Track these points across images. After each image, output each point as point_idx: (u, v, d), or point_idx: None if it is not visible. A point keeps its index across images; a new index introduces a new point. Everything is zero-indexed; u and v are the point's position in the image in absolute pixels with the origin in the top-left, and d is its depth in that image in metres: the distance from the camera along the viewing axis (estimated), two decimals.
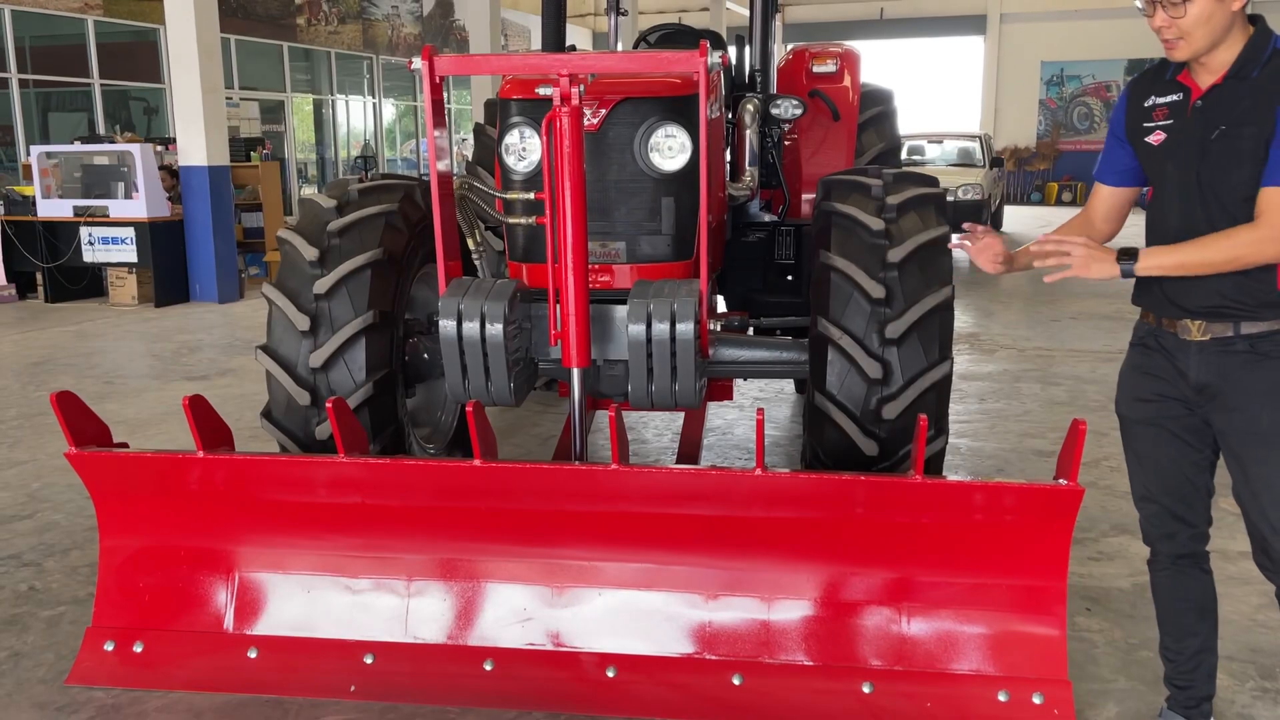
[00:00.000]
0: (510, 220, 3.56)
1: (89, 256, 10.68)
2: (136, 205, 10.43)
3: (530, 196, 3.44)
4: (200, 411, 2.99)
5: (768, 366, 3.75)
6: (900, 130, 5.84)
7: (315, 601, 3.12)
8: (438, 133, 3.29)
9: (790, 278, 4.89)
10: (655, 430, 5.85)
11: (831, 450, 3.29)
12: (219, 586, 3.15)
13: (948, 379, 3.30)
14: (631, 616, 3.01)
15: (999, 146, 24.11)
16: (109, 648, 3.11)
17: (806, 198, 5.13)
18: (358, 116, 21.61)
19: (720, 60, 3.17)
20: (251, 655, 3.07)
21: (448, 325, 3.21)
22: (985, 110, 26.08)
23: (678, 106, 3.46)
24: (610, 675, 2.95)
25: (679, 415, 5.26)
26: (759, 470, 2.73)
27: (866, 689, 2.85)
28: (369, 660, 3.03)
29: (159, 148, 11.39)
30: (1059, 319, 9.51)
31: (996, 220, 16.36)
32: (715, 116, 3.95)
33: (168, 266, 10.65)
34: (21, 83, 13.86)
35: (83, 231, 10.60)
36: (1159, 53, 2.45)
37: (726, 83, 4.68)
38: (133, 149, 10.51)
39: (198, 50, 10.19)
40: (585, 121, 3.24)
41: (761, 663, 2.93)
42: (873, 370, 3.22)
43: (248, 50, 17.54)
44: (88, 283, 11.02)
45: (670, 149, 3.46)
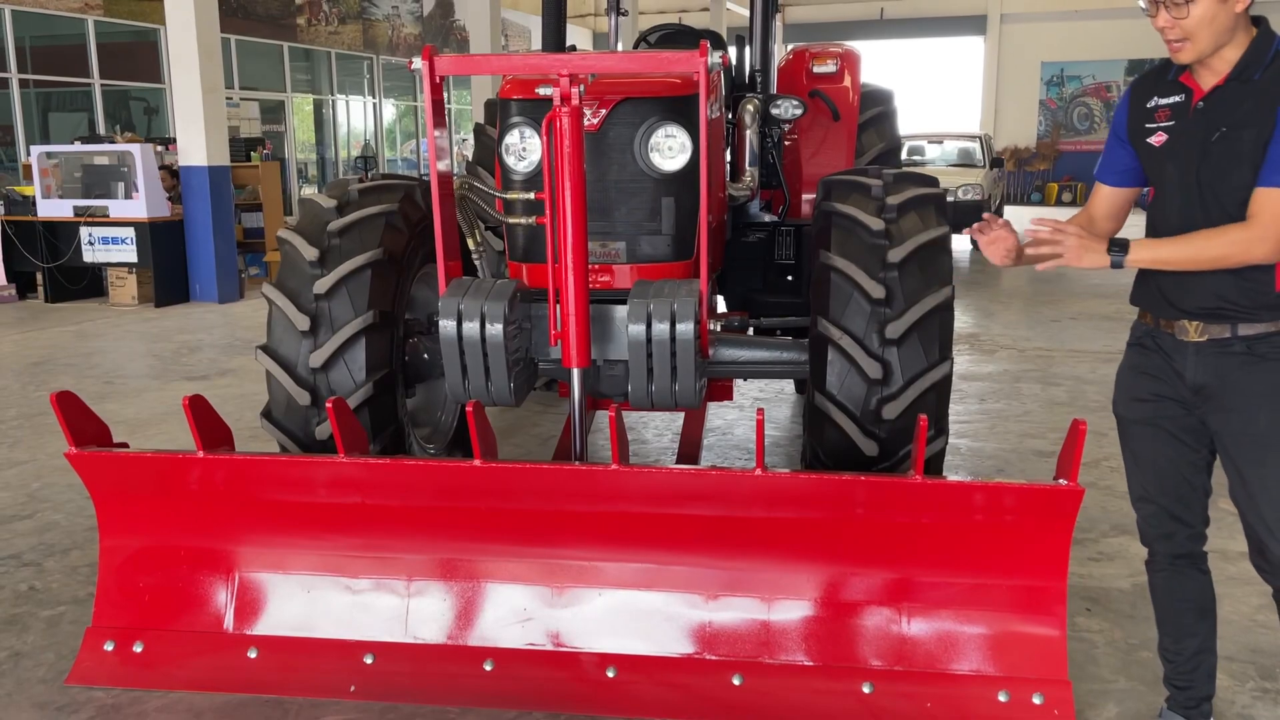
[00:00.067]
0: (510, 220, 3.56)
1: (89, 256, 10.69)
2: (136, 205, 10.43)
3: (530, 196, 3.44)
4: (200, 411, 2.99)
5: (768, 366, 3.75)
6: (900, 130, 5.84)
7: (315, 601, 3.12)
8: (438, 133, 3.29)
9: (790, 278, 4.89)
10: (655, 430, 5.85)
11: (831, 450, 3.29)
12: (219, 586, 3.15)
13: (948, 379, 3.30)
14: (631, 616, 3.01)
15: (999, 147, 24.10)
16: (109, 648, 3.11)
17: (806, 198, 5.13)
18: (358, 116, 21.61)
19: (720, 60, 3.17)
20: (251, 655, 3.07)
21: (448, 325, 3.21)
22: (985, 110, 26.08)
23: (678, 106, 3.46)
24: (610, 675, 2.95)
25: (679, 415, 5.26)
26: (759, 470, 2.73)
27: (866, 689, 2.85)
28: (369, 660, 3.03)
29: (159, 148, 11.39)
30: (1059, 319, 9.51)
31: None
32: (715, 117, 3.95)
33: (168, 266, 10.66)
34: (22, 83, 13.86)
35: (83, 231, 10.60)
36: (1159, 53, 2.44)
37: (727, 83, 4.68)
38: (133, 149, 10.51)
39: (198, 50, 10.20)
40: (585, 121, 3.24)
41: (761, 663, 2.93)
42: (873, 370, 3.22)
43: (248, 50, 17.55)
44: (88, 283, 11.03)
45: (670, 149, 3.46)
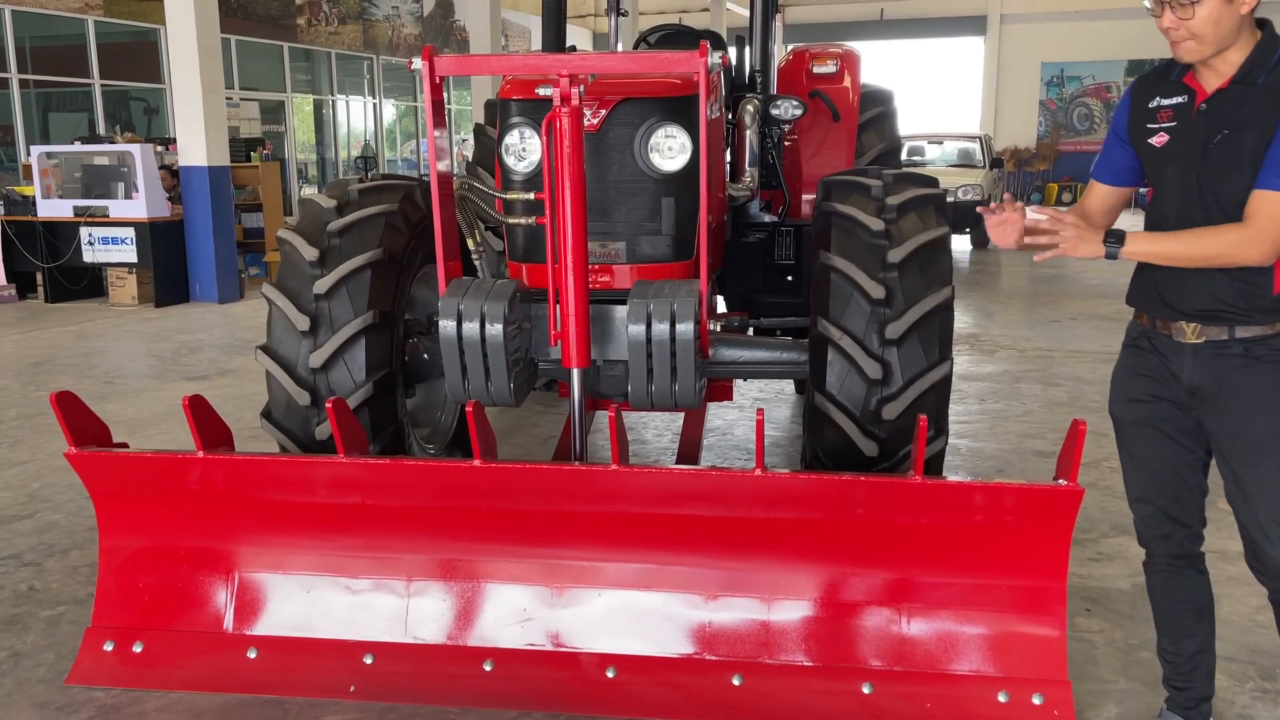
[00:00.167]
0: (510, 220, 3.56)
1: (89, 257, 10.69)
2: (136, 205, 10.43)
3: (530, 197, 3.44)
4: (200, 411, 2.99)
5: (768, 367, 3.75)
6: (900, 131, 5.85)
7: (315, 602, 3.12)
8: (438, 133, 3.29)
9: (790, 278, 4.89)
10: (655, 430, 5.85)
11: (831, 451, 3.29)
12: (219, 586, 3.15)
13: (947, 379, 3.30)
14: (631, 617, 3.01)
15: (999, 147, 24.09)
16: (109, 648, 3.11)
17: (806, 198, 5.13)
18: (358, 117, 21.61)
19: (720, 61, 3.17)
20: (251, 655, 3.07)
21: (448, 325, 3.21)
22: (985, 111, 26.08)
23: (678, 107, 3.46)
24: (610, 675, 2.95)
25: (679, 415, 5.26)
26: (759, 471, 2.73)
27: (866, 689, 2.85)
28: (369, 660, 3.03)
29: (159, 148, 11.39)
30: (1059, 319, 9.51)
31: None
32: (715, 117, 3.95)
33: (168, 267, 10.66)
34: (22, 83, 13.86)
35: (83, 232, 10.60)
36: (1160, 54, 2.45)
37: (726, 83, 4.68)
38: (133, 149, 10.51)
39: (198, 50, 10.20)
40: (585, 122, 3.24)
41: (761, 663, 2.93)
42: (873, 371, 3.22)
43: (248, 50, 17.55)
44: (88, 283, 11.02)
45: (670, 149, 3.46)
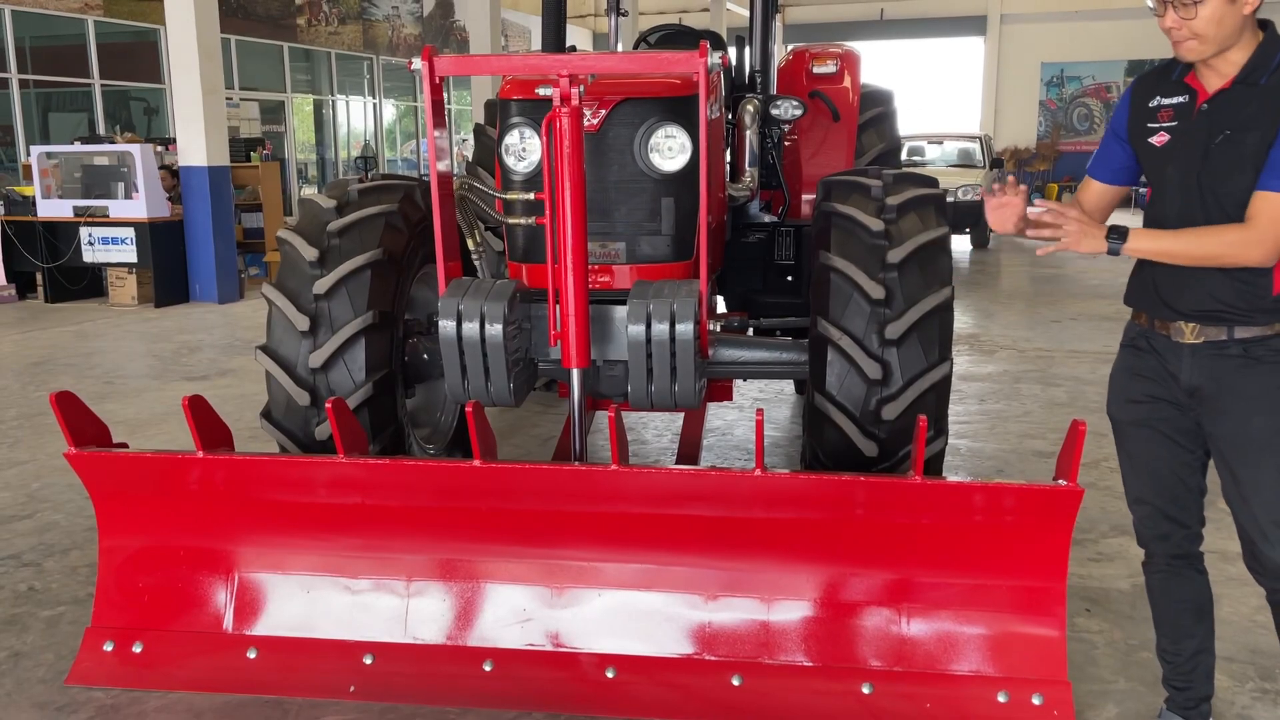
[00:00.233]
0: (510, 220, 3.56)
1: (89, 257, 10.69)
2: (136, 205, 10.43)
3: (530, 197, 3.44)
4: (200, 412, 2.99)
5: (767, 367, 3.75)
6: (900, 131, 5.84)
7: (315, 602, 3.12)
8: (438, 133, 3.29)
9: (790, 278, 4.89)
10: (655, 431, 5.85)
11: (831, 451, 3.29)
12: (218, 587, 3.15)
13: (947, 380, 3.30)
14: (631, 617, 3.01)
15: (999, 147, 24.10)
16: (108, 648, 3.11)
17: (806, 198, 5.13)
18: (358, 117, 21.61)
19: (720, 61, 3.17)
20: (251, 655, 3.07)
21: (447, 326, 3.21)
22: (985, 111, 26.08)
23: (678, 107, 3.46)
24: (610, 676, 2.95)
25: (679, 416, 5.26)
26: (758, 471, 2.73)
27: (866, 690, 2.85)
28: (368, 660, 3.03)
29: (159, 148, 11.39)
30: (1059, 320, 9.51)
31: None
32: (715, 117, 3.95)
33: (168, 267, 10.65)
34: (21, 83, 13.86)
35: (83, 232, 10.60)
36: (1159, 54, 2.45)
37: (726, 83, 4.68)
38: (133, 149, 10.51)
39: (198, 51, 10.19)
40: (585, 122, 3.24)
41: (761, 663, 2.93)
42: (872, 371, 3.22)
43: (248, 50, 17.55)
44: (88, 283, 11.02)
45: (670, 149, 3.46)
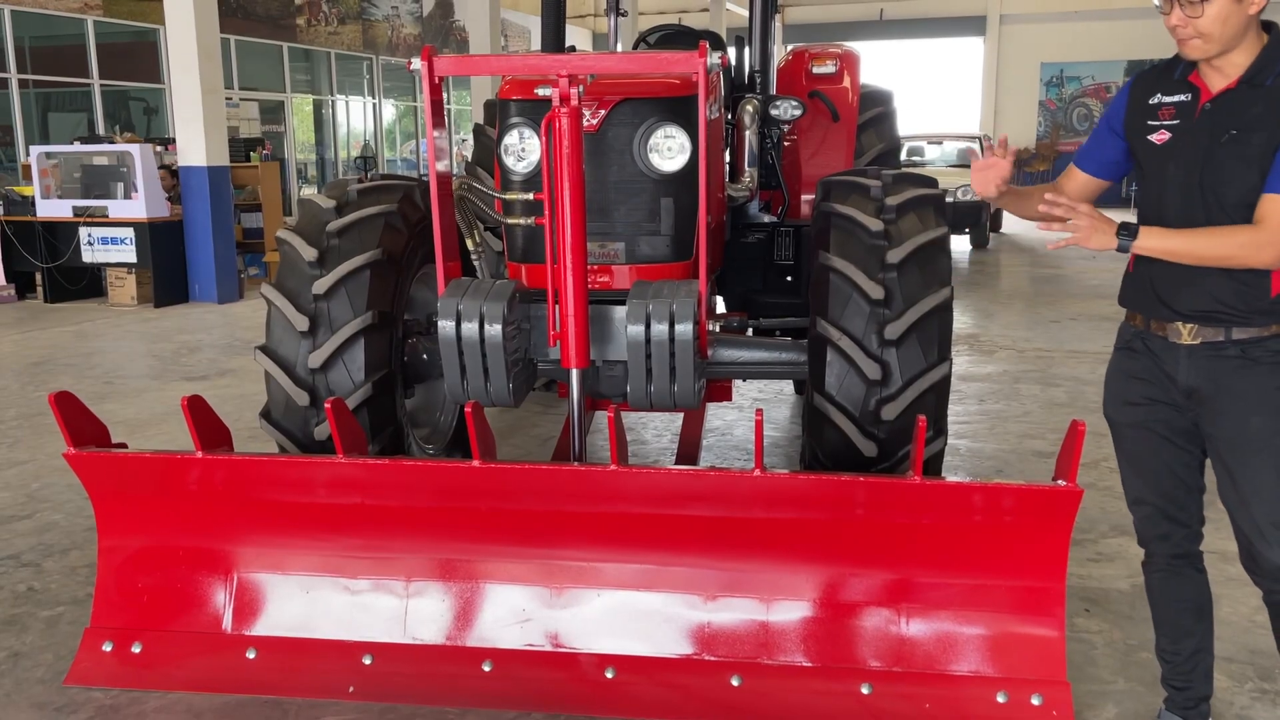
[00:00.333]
0: (509, 221, 3.56)
1: (88, 257, 10.69)
2: (136, 205, 10.43)
3: (529, 197, 3.44)
4: (199, 412, 2.99)
5: (767, 367, 3.75)
6: (900, 131, 5.84)
7: (314, 602, 3.12)
8: (437, 133, 3.29)
9: (789, 278, 4.89)
10: (654, 431, 5.85)
11: (831, 451, 3.29)
12: (218, 587, 3.15)
13: (947, 380, 3.30)
14: (630, 617, 3.01)
15: None
16: (107, 648, 3.10)
17: (806, 198, 5.13)
18: (357, 117, 21.61)
19: (719, 61, 3.17)
20: (250, 656, 3.07)
21: (447, 326, 3.21)
22: (985, 111, 26.09)
23: (677, 107, 3.46)
24: (609, 676, 2.95)
25: (678, 416, 5.26)
26: (758, 471, 2.73)
27: (865, 690, 2.85)
28: (368, 661, 3.03)
29: (158, 148, 11.39)
30: (1059, 320, 9.51)
31: (996, 221, 16.36)
32: (715, 117, 3.95)
33: (167, 267, 10.65)
34: (21, 83, 13.86)
35: (82, 232, 10.60)
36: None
37: (726, 83, 4.68)
38: (132, 149, 10.51)
39: (197, 51, 10.19)
40: (584, 122, 3.24)
41: (760, 664, 2.93)
42: (872, 371, 3.22)
43: (248, 50, 17.54)
44: (87, 283, 11.02)
45: (669, 150, 3.46)
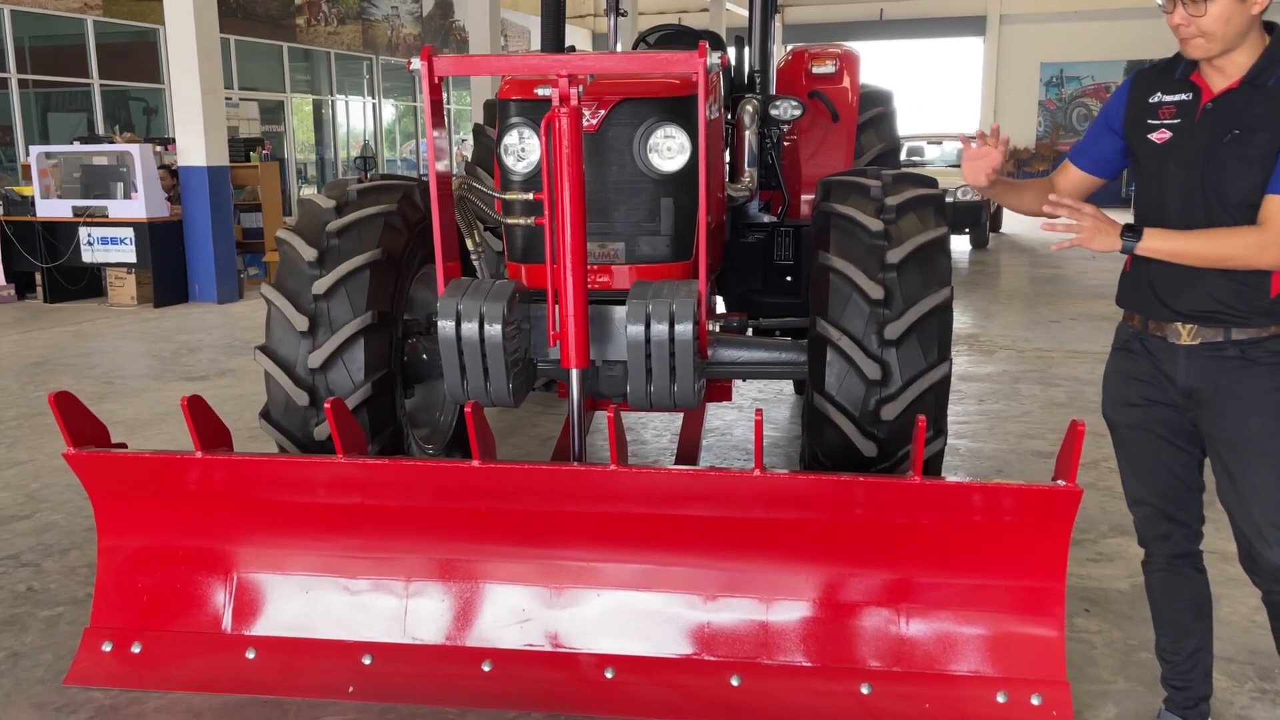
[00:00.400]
0: (509, 221, 3.56)
1: (88, 257, 10.68)
2: (136, 205, 10.43)
3: (529, 197, 3.44)
4: (199, 412, 2.99)
5: (767, 367, 3.75)
6: (899, 131, 5.84)
7: (314, 602, 3.12)
8: (437, 133, 3.29)
9: (789, 278, 4.89)
10: (654, 431, 5.85)
11: (830, 451, 3.29)
12: (217, 587, 3.15)
13: (946, 380, 3.30)
14: (630, 617, 3.01)
15: None
16: (107, 648, 3.10)
17: (806, 198, 5.13)
18: (357, 117, 21.61)
19: (719, 61, 3.17)
20: (250, 656, 3.07)
21: (446, 326, 3.21)
22: (985, 111, 26.08)
23: (677, 107, 3.46)
24: (609, 676, 2.95)
25: (678, 416, 5.26)
26: (758, 471, 2.73)
27: (865, 690, 2.85)
28: (367, 661, 3.03)
29: (158, 148, 11.39)
30: (1059, 319, 9.51)
31: (996, 221, 16.37)
32: (714, 117, 3.95)
33: (167, 267, 10.65)
34: (21, 83, 13.85)
35: (82, 232, 10.60)
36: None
37: (726, 83, 4.68)
38: (132, 149, 10.51)
39: (197, 51, 10.19)
40: (584, 122, 3.24)
41: (760, 664, 2.93)
42: (871, 371, 3.22)
43: (247, 50, 17.54)
44: (87, 283, 11.01)
45: (669, 150, 3.46)
